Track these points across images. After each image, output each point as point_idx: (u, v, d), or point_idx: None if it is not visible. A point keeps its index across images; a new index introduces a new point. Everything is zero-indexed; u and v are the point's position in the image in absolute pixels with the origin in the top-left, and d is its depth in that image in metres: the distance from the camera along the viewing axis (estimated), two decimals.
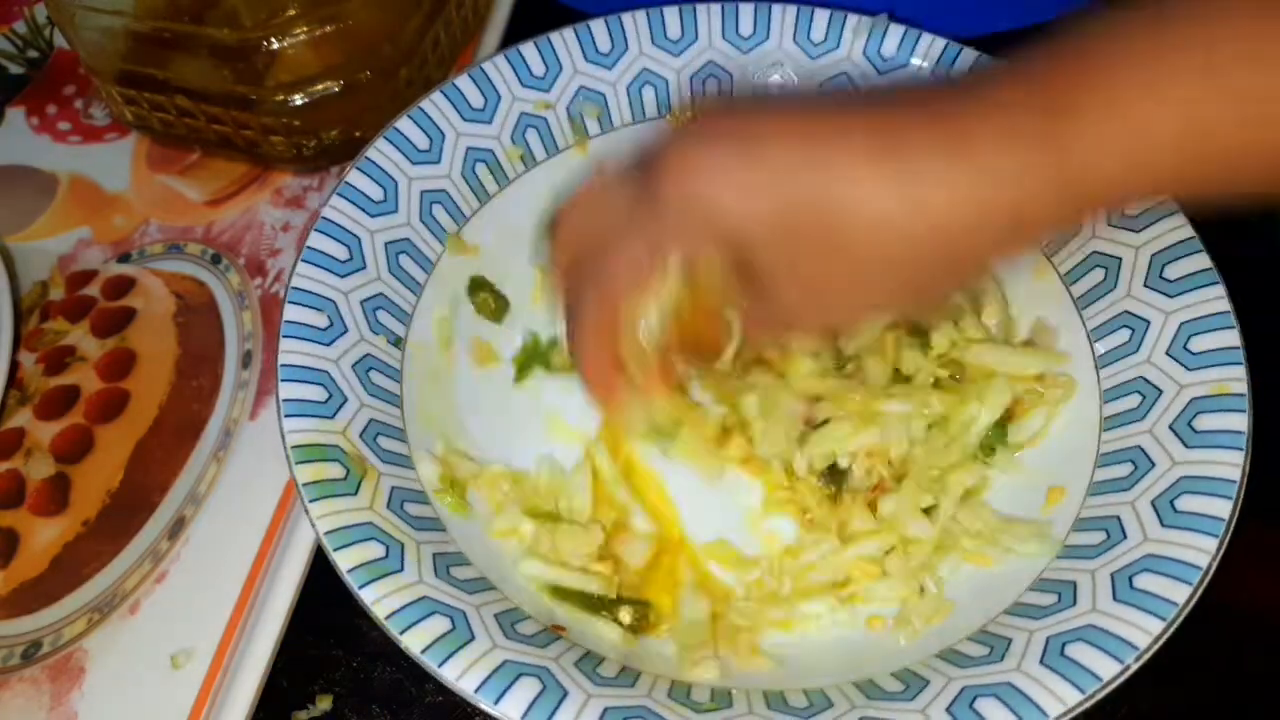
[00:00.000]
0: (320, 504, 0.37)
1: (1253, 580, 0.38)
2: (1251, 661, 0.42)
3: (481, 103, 0.48)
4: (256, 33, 0.48)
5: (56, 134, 0.60)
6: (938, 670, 0.35)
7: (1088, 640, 0.33)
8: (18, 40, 0.64)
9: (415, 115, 0.47)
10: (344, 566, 0.35)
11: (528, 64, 0.49)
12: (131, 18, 0.52)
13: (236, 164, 0.56)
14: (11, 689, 0.42)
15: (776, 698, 0.35)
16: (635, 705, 0.33)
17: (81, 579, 0.44)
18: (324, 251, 0.43)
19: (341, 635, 0.43)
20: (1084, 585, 0.35)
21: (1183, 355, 0.39)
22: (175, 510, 0.45)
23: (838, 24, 0.49)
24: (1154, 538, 0.35)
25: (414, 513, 0.38)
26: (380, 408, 0.41)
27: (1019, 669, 0.34)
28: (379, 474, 0.39)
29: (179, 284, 0.52)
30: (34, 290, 0.54)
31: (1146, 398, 0.39)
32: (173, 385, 0.49)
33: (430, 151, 0.47)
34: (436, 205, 0.47)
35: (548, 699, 0.33)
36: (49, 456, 0.48)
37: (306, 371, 0.40)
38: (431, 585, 0.36)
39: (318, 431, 0.39)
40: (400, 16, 0.52)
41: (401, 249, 0.45)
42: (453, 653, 0.34)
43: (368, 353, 0.42)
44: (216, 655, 0.40)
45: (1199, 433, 0.37)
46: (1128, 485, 0.38)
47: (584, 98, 0.49)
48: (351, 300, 0.43)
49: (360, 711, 0.42)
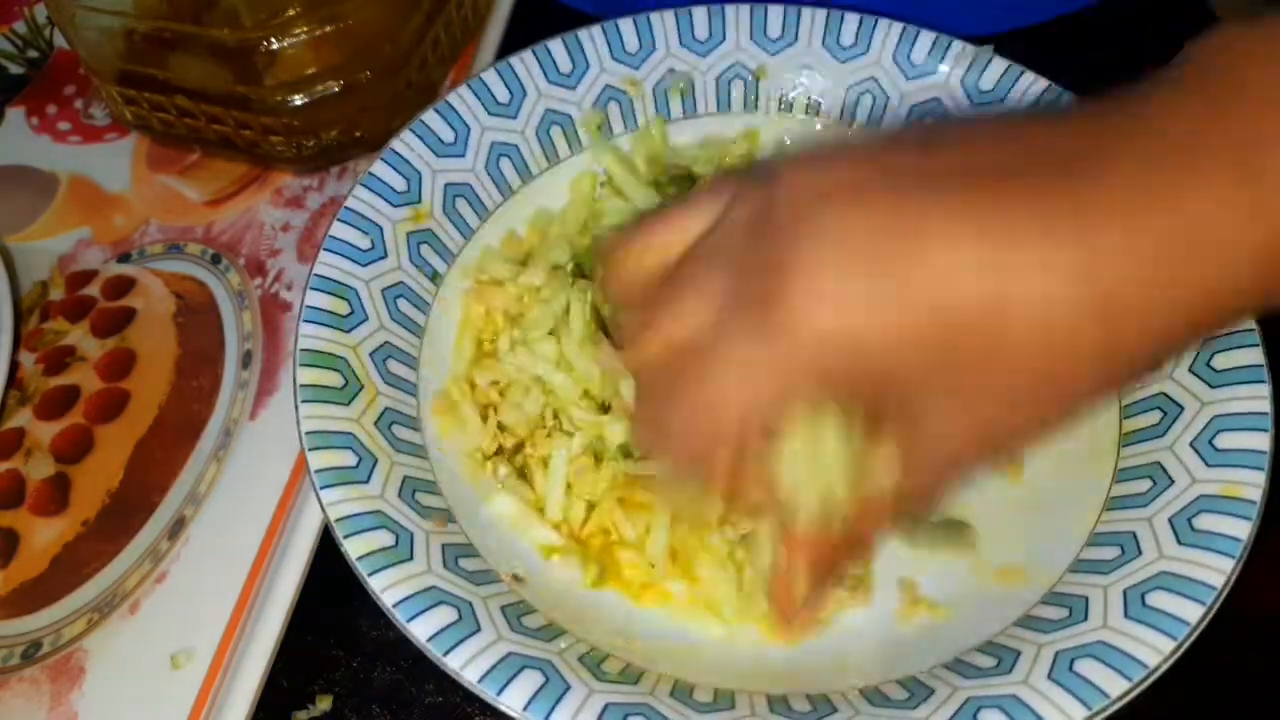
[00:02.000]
0: (332, 491, 0.37)
1: (1255, 582, 0.37)
2: (1252, 662, 0.42)
3: (508, 97, 0.49)
4: (256, 33, 0.48)
5: (56, 134, 0.60)
6: (943, 680, 0.35)
7: (1097, 657, 0.33)
8: (18, 40, 0.64)
9: (441, 109, 0.47)
10: (353, 554, 0.35)
11: (555, 60, 0.49)
12: (131, 18, 0.52)
13: (236, 164, 0.56)
14: (11, 689, 0.42)
15: (779, 702, 0.35)
16: (637, 703, 0.33)
17: (81, 579, 0.44)
18: (345, 240, 0.44)
19: (341, 635, 0.43)
20: (1096, 601, 0.35)
21: (1206, 373, 0.39)
22: (175, 510, 0.45)
23: (793, 19, 0.49)
24: (1170, 555, 0.35)
25: (425, 503, 0.38)
26: (395, 394, 0.42)
27: (1026, 682, 0.33)
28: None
29: (179, 284, 0.52)
30: (34, 290, 0.54)
31: (1168, 414, 0.39)
32: (173, 385, 0.49)
33: (455, 144, 0.47)
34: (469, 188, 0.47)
35: (549, 692, 0.33)
36: (49, 456, 0.48)
37: (323, 357, 0.40)
38: (440, 575, 0.36)
39: (329, 417, 0.39)
40: (400, 16, 0.52)
41: (423, 239, 0.46)
42: (458, 642, 0.34)
43: (386, 340, 0.43)
44: (216, 655, 0.40)
45: (1220, 451, 0.37)
46: (1145, 502, 0.37)
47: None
48: (372, 288, 0.43)
49: (360, 711, 0.42)
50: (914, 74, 0.48)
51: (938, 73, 0.48)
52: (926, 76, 0.48)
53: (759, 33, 0.50)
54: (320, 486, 0.37)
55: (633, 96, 0.50)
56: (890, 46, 0.48)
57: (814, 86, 0.50)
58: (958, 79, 0.48)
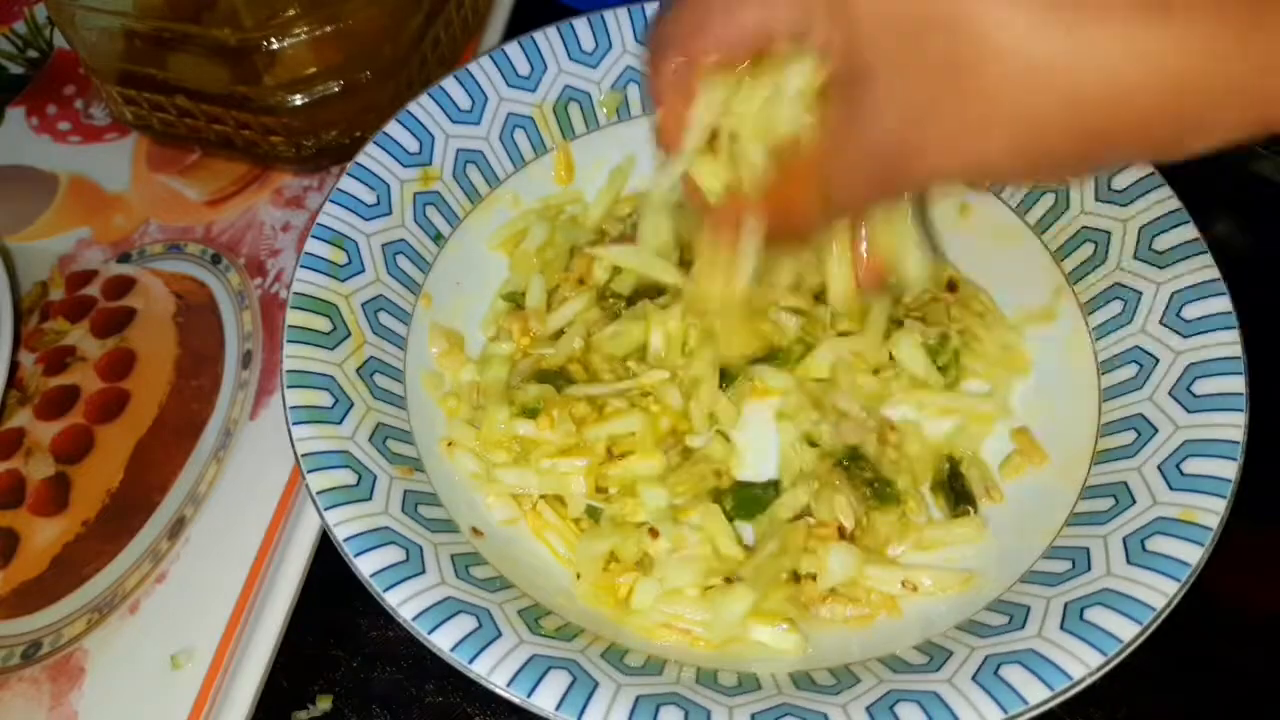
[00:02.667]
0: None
1: (1252, 582, 0.38)
2: (1252, 662, 0.42)
3: (528, 69, 0.49)
4: (256, 33, 0.48)
5: (56, 134, 0.60)
6: (960, 641, 0.35)
7: (1106, 604, 0.34)
8: (18, 40, 0.64)
9: (460, 75, 0.48)
10: (315, 488, 0.36)
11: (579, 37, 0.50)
12: (131, 18, 0.52)
13: (236, 164, 0.56)
14: (11, 689, 0.42)
15: (803, 678, 0.35)
16: (666, 693, 0.34)
17: (81, 579, 0.44)
18: (352, 194, 0.45)
19: (341, 635, 0.43)
20: (1097, 551, 0.36)
21: (1177, 323, 0.40)
22: (175, 510, 0.45)
23: None
24: (1163, 500, 0.36)
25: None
26: (382, 345, 0.43)
27: (1040, 635, 0.34)
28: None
29: (179, 284, 0.52)
30: (34, 290, 0.54)
31: (1144, 366, 0.40)
32: (173, 385, 0.49)
33: (472, 111, 0.48)
34: (471, 164, 0.47)
35: (579, 690, 0.33)
36: (49, 456, 0.48)
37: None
38: (454, 585, 0.36)
39: (311, 359, 0.40)
40: (400, 17, 0.52)
41: (430, 200, 0.46)
42: (482, 649, 0.34)
43: (380, 293, 0.44)
44: (216, 655, 0.40)
45: (1199, 397, 0.38)
46: (1133, 452, 0.38)
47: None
48: (373, 243, 0.44)
49: (360, 711, 0.42)
50: None
51: None
52: None
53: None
54: (293, 423, 0.38)
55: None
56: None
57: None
58: None
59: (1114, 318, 0.42)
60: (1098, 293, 0.43)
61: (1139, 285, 0.42)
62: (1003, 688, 0.33)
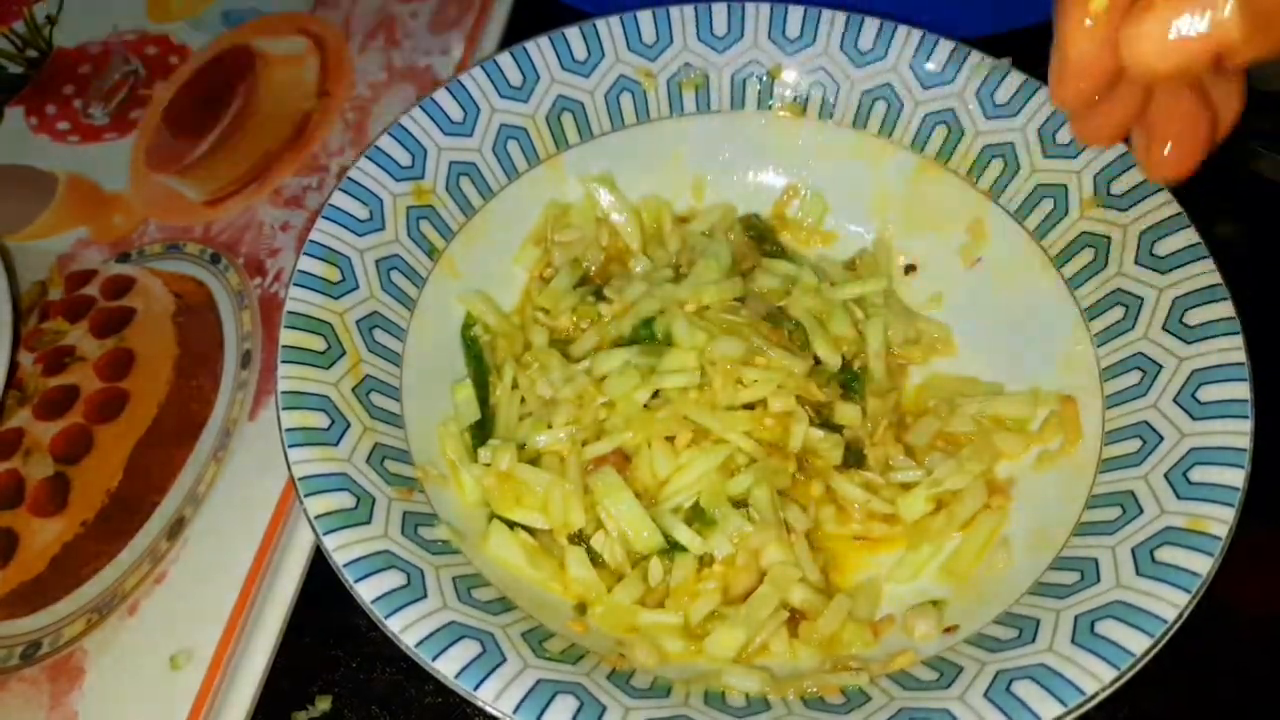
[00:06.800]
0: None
1: (1254, 582, 0.38)
2: (1252, 662, 0.42)
3: (520, 80, 0.49)
4: None
5: (55, 134, 0.60)
6: (970, 656, 0.35)
7: (1116, 616, 0.34)
8: (17, 40, 0.64)
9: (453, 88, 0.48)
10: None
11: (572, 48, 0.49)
12: None
13: (236, 164, 0.56)
14: (11, 689, 0.42)
15: (814, 700, 0.35)
16: (674, 715, 0.33)
17: (81, 579, 0.44)
18: (344, 210, 0.44)
19: (341, 635, 0.43)
20: (1106, 562, 0.36)
21: (1179, 329, 0.39)
22: (175, 510, 0.45)
23: (812, 21, 0.49)
24: (1171, 510, 0.36)
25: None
26: (378, 362, 0.42)
27: (1051, 649, 0.34)
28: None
29: (178, 284, 0.52)
30: (33, 290, 0.54)
31: (1147, 373, 0.40)
32: (172, 385, 0.49)
33: (464, 123, 0.48)
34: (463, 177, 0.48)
35: (587, 714, 0.33)
36: (48, 456, 0.48)
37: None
38: (456, 609, 0.35)
39: (307, 379, 0.40)
40: None
41: (424, 214, 0.46)
42: (487, 675, 0.33)
43: (375, 310, 0.43)
44: (216, 655, 0.40)
45: (1204, 404, 0.37)
46: (1139, 460, 0.38)
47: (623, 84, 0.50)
48: (366, 259, 0.44)
49: (360, 712, 0.42)
50: (931, 82, 0.48)
51: (955, 82, 0.48)
52: (943, 85, 0.48)
53: (777, 32, 0.49)
54: (289, 445, 0.37)
55: (647, 89, 0.50)
56: (908, 54, 0.48)
57: (829, 89, 0.49)
58: (973, 90, 0.47)
59: (1115, 324, 0.42)
60: (1099, 299, 0.43)
61: (1140, 291, 0.41)
62: (1015, 704, 0.32)
